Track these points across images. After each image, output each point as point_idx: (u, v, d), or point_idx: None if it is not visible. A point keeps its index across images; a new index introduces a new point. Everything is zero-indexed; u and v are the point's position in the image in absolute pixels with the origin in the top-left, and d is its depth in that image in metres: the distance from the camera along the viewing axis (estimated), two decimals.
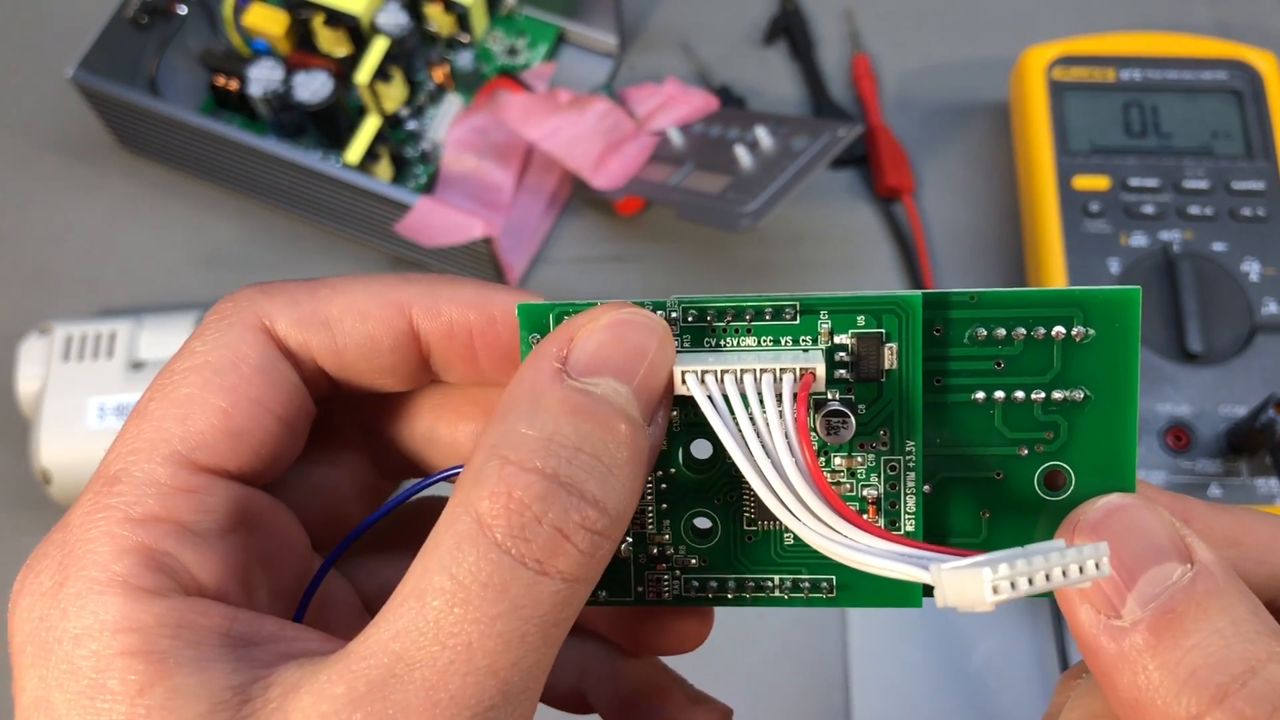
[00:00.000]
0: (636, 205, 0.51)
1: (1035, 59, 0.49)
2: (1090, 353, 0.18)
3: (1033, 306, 0.18)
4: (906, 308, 0.18)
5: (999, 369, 0.18)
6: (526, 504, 0.15)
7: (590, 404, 0.16)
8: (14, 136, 0.54)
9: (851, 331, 0.18)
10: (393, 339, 0.19)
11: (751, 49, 0.56)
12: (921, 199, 0.52)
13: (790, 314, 0.18)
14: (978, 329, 0.18)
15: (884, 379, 0.18)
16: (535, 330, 0.19)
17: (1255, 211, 0.45)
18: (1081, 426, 0.18)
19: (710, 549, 0.19)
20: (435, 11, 0.51)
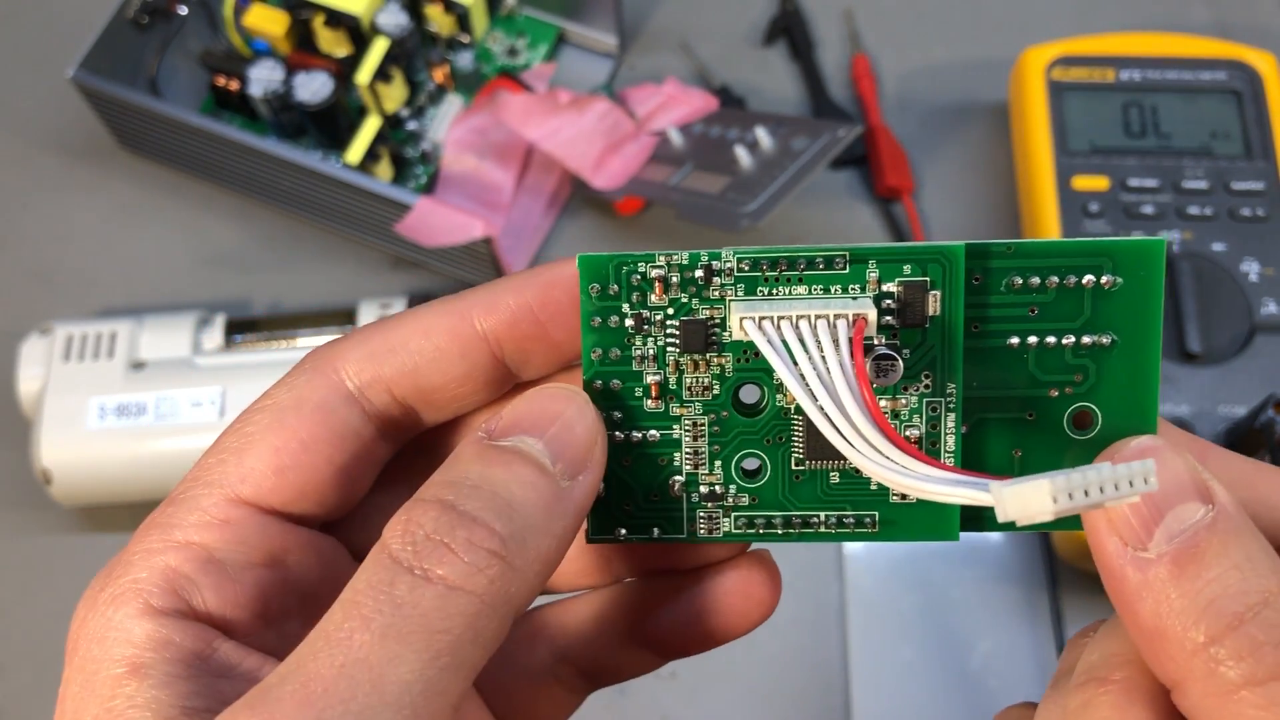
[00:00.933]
0: (636, 205, 0.51)
1: (1035, 59, 0.49)
2: (1118, 300, 0.19)
3: (1066, 256, 0.19)
4: (950, 257, 0.19)
5: (1033, 315, 0.19)
6: (420, 524, 0.17)
7: (496, 452, 0.18)
8: (14, 137, 0.54)
9: (898, 280, 0.19)
10: (460, 345, 0.20)
11: (751, 49, 0.56)
12: (921, 199, 0.52)
13: (840, 263, 0.19)
14: (1014, 277, 0.19)
15: (928, 325, 0.19)
16: (595, 280, 0.20)
17: (1254, 212, 0.45)
18: (1109, 369, 0.19)
19: (760, 488, 0.20)
20: (435, 12, 0.52)
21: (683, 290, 0.20)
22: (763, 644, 0.44)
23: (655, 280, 0.20)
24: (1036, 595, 0.44)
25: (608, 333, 0.20)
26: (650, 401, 0.20)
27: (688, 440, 0.20)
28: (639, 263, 0.20)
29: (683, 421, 0.20)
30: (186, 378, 0.44)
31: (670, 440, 0.20)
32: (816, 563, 0.45)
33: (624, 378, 0.20)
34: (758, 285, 0.19)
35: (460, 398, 0.20)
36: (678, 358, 0.20)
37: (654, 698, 0.44)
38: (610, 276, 0.20)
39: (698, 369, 0.20)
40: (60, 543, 0.46)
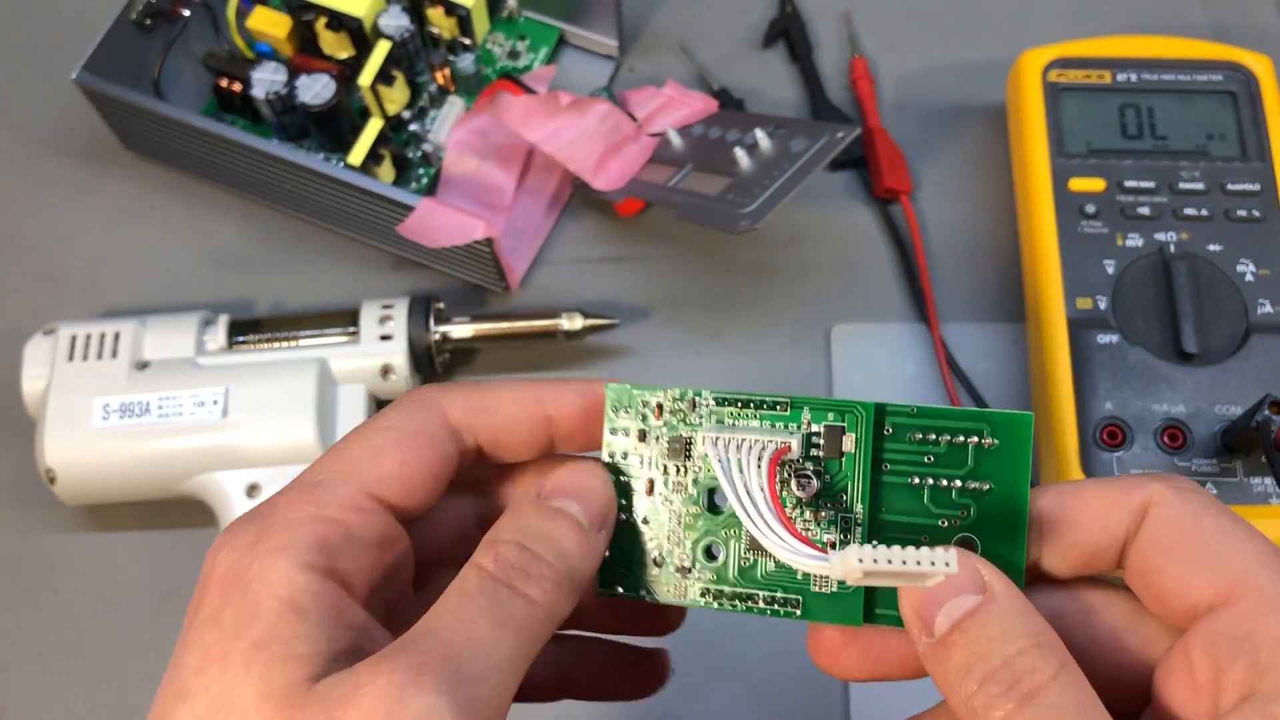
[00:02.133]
0: (636, 206, 0.51)
1: (1032, 61, 0.49)
2: (994, 457, 0.24)
3: (956, 420, 0.24)
4: (862, 411, 0.25)
5: (929, 462, 0.25)
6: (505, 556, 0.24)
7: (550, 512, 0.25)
8: (18, 138, 0.54)
9: (823, 423, 0.25)
10: (532, 421, 0.27)
11: (750, 52, 0.56)
12: (919, 200, 0.52)
13: (783, 407, 0.25)
14: (916, 433, 0.25)
15: (843, 458, 0.25)
16: (616, 402, 0.26)
17: (1250, 212, 0.45)
18: (986, 509, 0.24)
19: (717, 568, 0.26)
20: (437, 15, 0.52)
21: (673, 415, 0.26)
22: (762, 642, 0.44)
23: (656, 406, 0.26)
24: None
25: (621, 440, 0.27)
26: (645, 494, 0.26)
27: (670, 526, 0.26)
28: (646, 393, 0.26)
29: (666, 510, 0.26)
30: (190, 378, 0.44)
31: (658, 524, 0.26)
32: None
33: (629, 474, 0.26)
34: (724, 417, 0.26)
35: (518, 455, 0.27)
36: (665, 463, 0.26)
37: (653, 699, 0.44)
38: (626, 400, 0.26)
39: (679, 473, 0.26)
40: (64, 541, 0.47)
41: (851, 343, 0.49)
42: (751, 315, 0.50)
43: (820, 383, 0.49)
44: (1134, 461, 0.41)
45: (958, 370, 0.48)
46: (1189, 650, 0.22)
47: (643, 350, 0.50)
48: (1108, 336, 0.43)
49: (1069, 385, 0.42)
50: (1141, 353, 0.43)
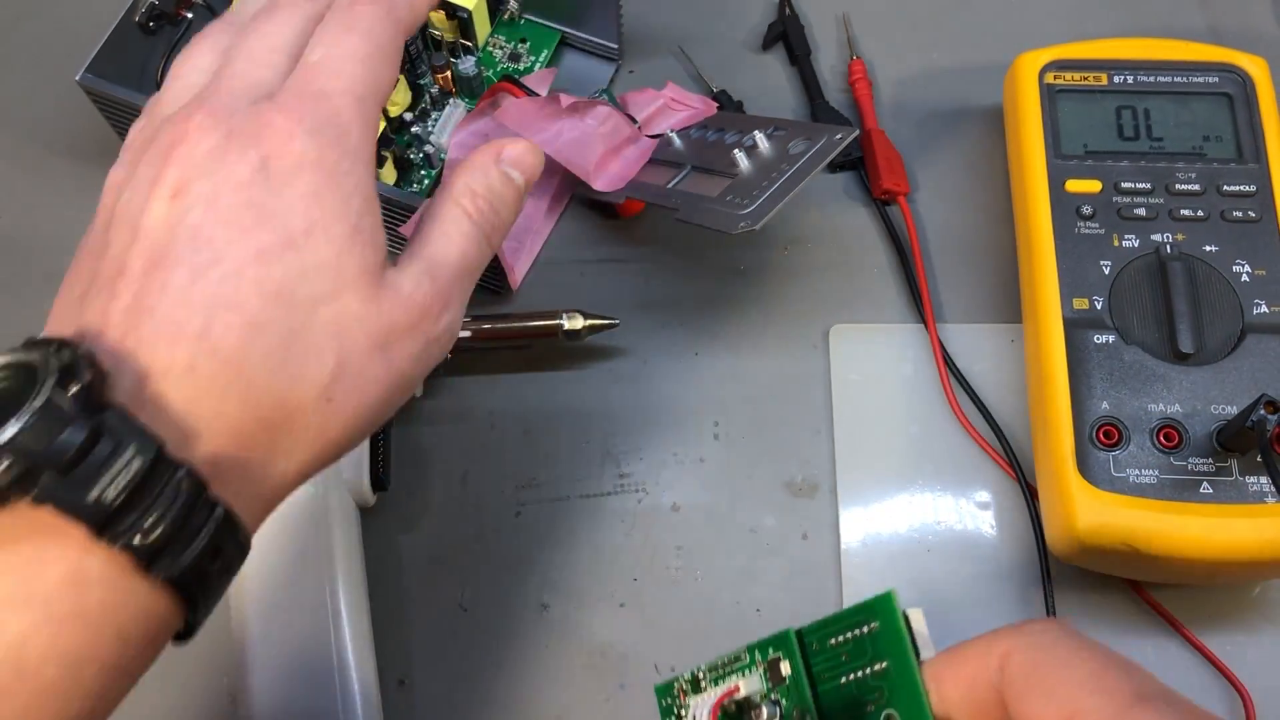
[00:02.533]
0: (637, 208, 0.52)
1: (1029, 64, 0.49)
2: (880, 637, 0.28)
3: (847, 618, 0.29)
4: (785, 639, 0.30)
5: (845, 660, 0.29)
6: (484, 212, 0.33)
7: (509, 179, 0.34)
8: (22, 139, 0.55)
9: (765, 658, 0.30)
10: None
11: (749, 54, 0.56)
12: (917, 202, 0.53)
13: (742, 656, 0.31)
14: (830, 639, 0.29)
15: (786, 681, 0.29)
16: (662, 696, 0.33)
17: (1246, 214, 0.45)
18: (891, 685, 0.28)
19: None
20: (438, 17, 0.52)
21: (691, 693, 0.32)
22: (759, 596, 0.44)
23: (679, 691, 0.32)
24: (1031, 592, 0.45)
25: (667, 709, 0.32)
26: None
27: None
28: (674, 682, 0.32)
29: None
30: None
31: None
32: (814, 560, 0.46)
33: None
34: (701, 686, 0.31)
35: None
36: None
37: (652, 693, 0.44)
38: (665, 693, 0.32)
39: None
40: None
41: (850, 343, 0.49)
42: (750, 315, 0.50)
43: (819, 383, 0.49)
44: (1130, 461, 0.41)
45: (955, 370, 0.48)
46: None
47: (643, 350, 0.50)
48: (1104, 336, 0.43)
49: (1065, 385, 0.43)
50: (1138, 352, 0.43)
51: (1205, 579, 0.43)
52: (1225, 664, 0.42)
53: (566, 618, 0.45)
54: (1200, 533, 0.40)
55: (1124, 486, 0.41)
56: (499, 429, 0.48)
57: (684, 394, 0.49)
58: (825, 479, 0.47)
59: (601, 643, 0.44)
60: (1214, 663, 0.43)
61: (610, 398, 0.49)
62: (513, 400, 0.49)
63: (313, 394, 0.27)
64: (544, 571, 0.45)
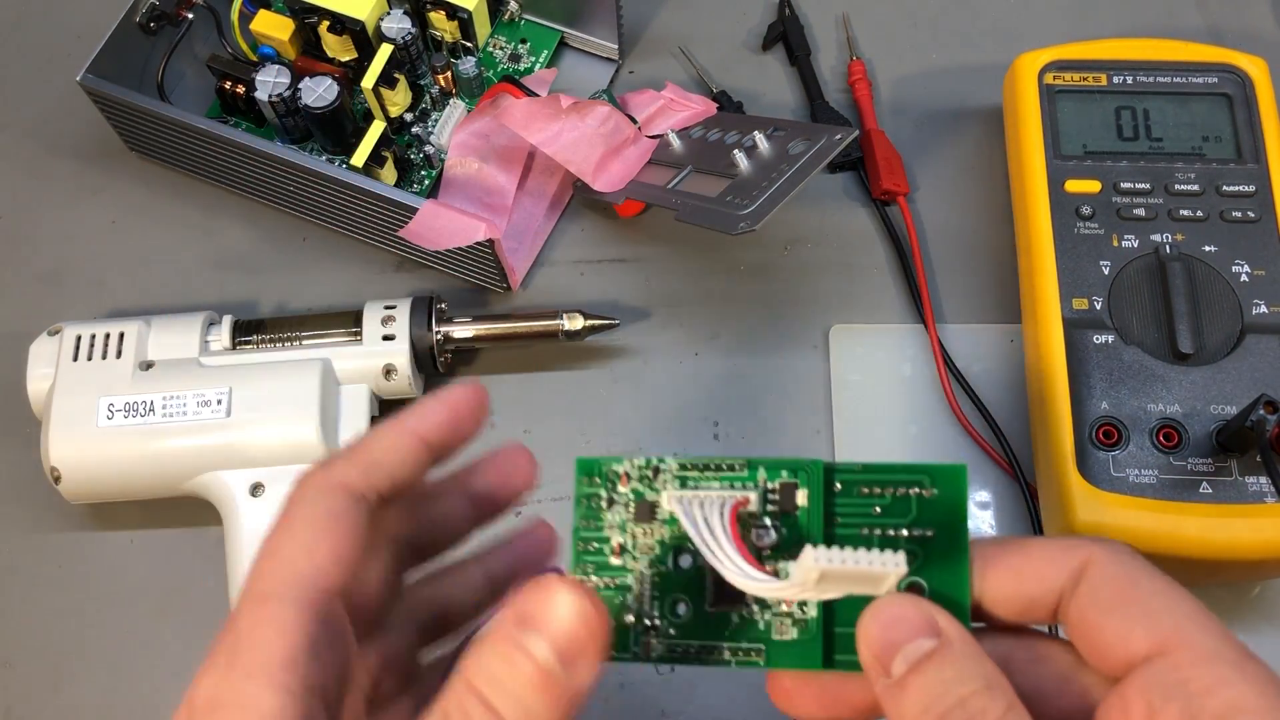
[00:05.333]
0: (636, 208, 0.52)
1: (1028, 64, 0.49)
2: (934, 505, 0.26)
3: (899, 473, 0.26)
4: (813, 470, 0.26)
5: (877, 513, 0.26)
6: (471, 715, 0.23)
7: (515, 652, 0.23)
8: (24, 140, 0.55)
9: (778, 480, 0.27)
10: (417, 458, 0.27)
11: (749, 55, 0.56)
12: (916, 202, 0.53)
13: (741, 468, 0.27)
14: (863, 488, 0.26)
15: (798, 512, 0.26)
16: (584, 473, 0.27)
17: (1245, 214, 0.45)
18: (931, 553, 0.26)
19: (683, 624, 0.27)
20: (439, 18, 0.52)
21: (639, 482, 0.27)
22: None
23: (622, 475, 0.27)
24: None
25: (590, 509, 0.27)
26: (613, 557, 0.27)
27: (636, 587, 0.27)
28: (613, 464, 0.27)
29: (634, 573, 0.27)
30: (194, 378, 0.44)
31: (625, 585, 0.27)
32: None
33: (598, 540, 0.27)
34: (687, 481, 0.27)
35: (410, 487, 0.28)
36: (633, 527, 0.27)
37: (652, 693, 0.44)
38: (595, 471, 0.28)
39: (646, 535, 0.27)
40: (69, 540, 0.47)
41: (849, 343, 0.50)
42: (750, 316, 0.51)
43: (819, 383, 0.49)
44: (1130, 461, 0.41)
45: (955, 370, 0.48)
46: (1126, 697, 0.23)
47: (643, 350, 0.50)
48: (1103, 336, 0.43)
49: (1065, 385, 0.43)
50: (1137, 353, 0.43)
51: (1205, 579, 0.43)
52: None
53: None
54: (1200, 533, 0.40)
55: (1124, 486, 0.41)
56: (499, 429, 0.48)
57: (684, 394, 0.49)
58: None
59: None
60: None
61: (610, 398, 0.49)
62: (513, 400, 0.49)
63: None
64: None
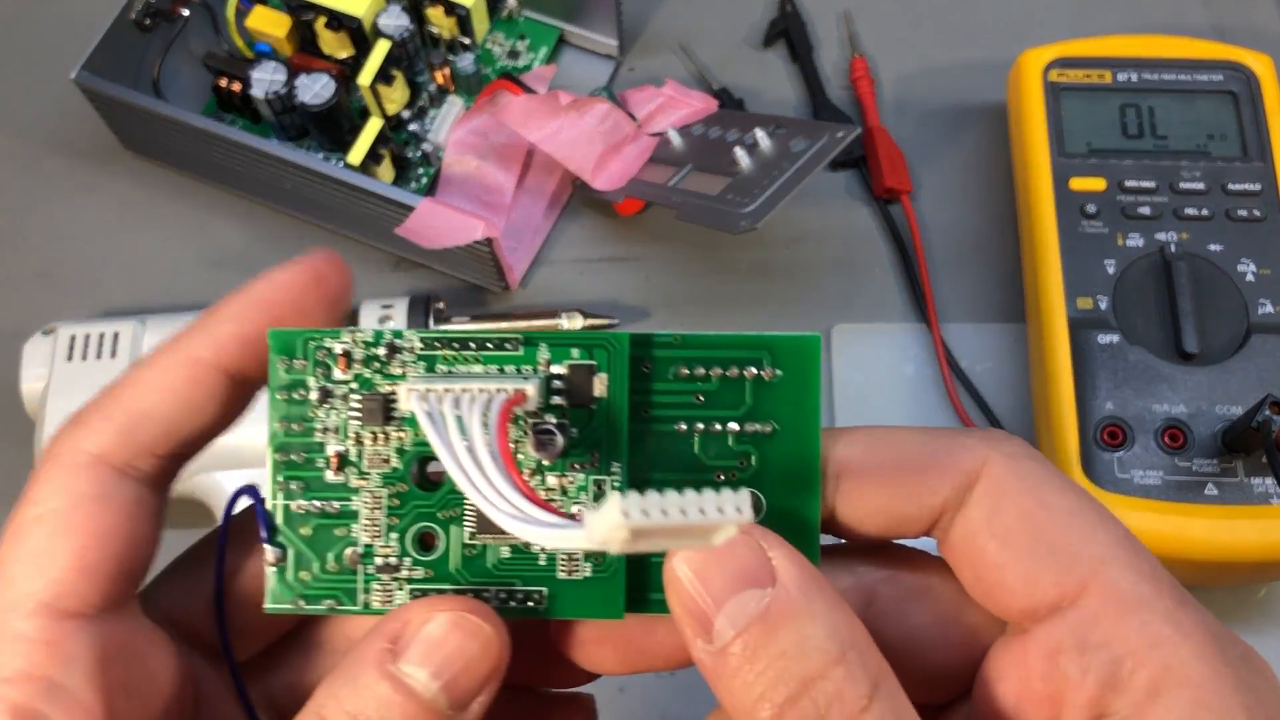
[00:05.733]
0: (636, 206, 0.51)
1: (1032, 61, 0.49)
2: (778, 391, 0.21)
3: (728, 348, 0.21)
4: (615, 344, 0.20)
5: (699, 403, 0.21)
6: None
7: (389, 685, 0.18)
8: (18, 138, 0.54)
9: (566, 362, 0.20)
10: (205, 390, 0.20)
11: (750, 52, 0.56)
12: (919, 200, 0.52)
13: (514, 346, 0.20)
14: (681, 367, 0.21)
15: (594, 405, 0.20)
16: (283, 353, 0.21)
17: (1251, 212, 0.45)
18: (771, 456, 0.20)
19: (434, 562, 0.21)
20: (437, 14, 0.52)
21: (366, 366, 0.21)
22: None
23: (340, 356, 0.20)
24: None
25: (294, 405, 0.21)
26: (331, 473, 0.21)
27: (365, 511, 0.21)
28: (325, 339, 0.21)
29: (361, 493, 0.21)
30: None
31: (349, 511, 0.21)
32: None
33: (307, 449, 0.21)
34: (436, 363, 0.20)
35: (222, 426, 0.21)
36: (359, 430, 0.21)
37: (653, 695, 0.44)
38: (298, 350, 0.21)
39: (377, 442, 0.21)
40: None
41: (852, 343, 0.49)
42: (751, 315, 0.50)
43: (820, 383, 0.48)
44: (1135, 462, 0.41)
45: (958, 371, 0.48)
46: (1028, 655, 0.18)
47: None
48: (1108, 336, 0.43)
49: (1070, 385, 0.42)
50: (1142, 353, 0.43)
51: (1210, 581, 0.43)
52: None
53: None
54: (1205, 534, 0.39)
55: (1128, 488, 0.40)
56: None
57: None
58: None
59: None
60: None
61: None
62: None
63: None
64: None
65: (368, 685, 0.18)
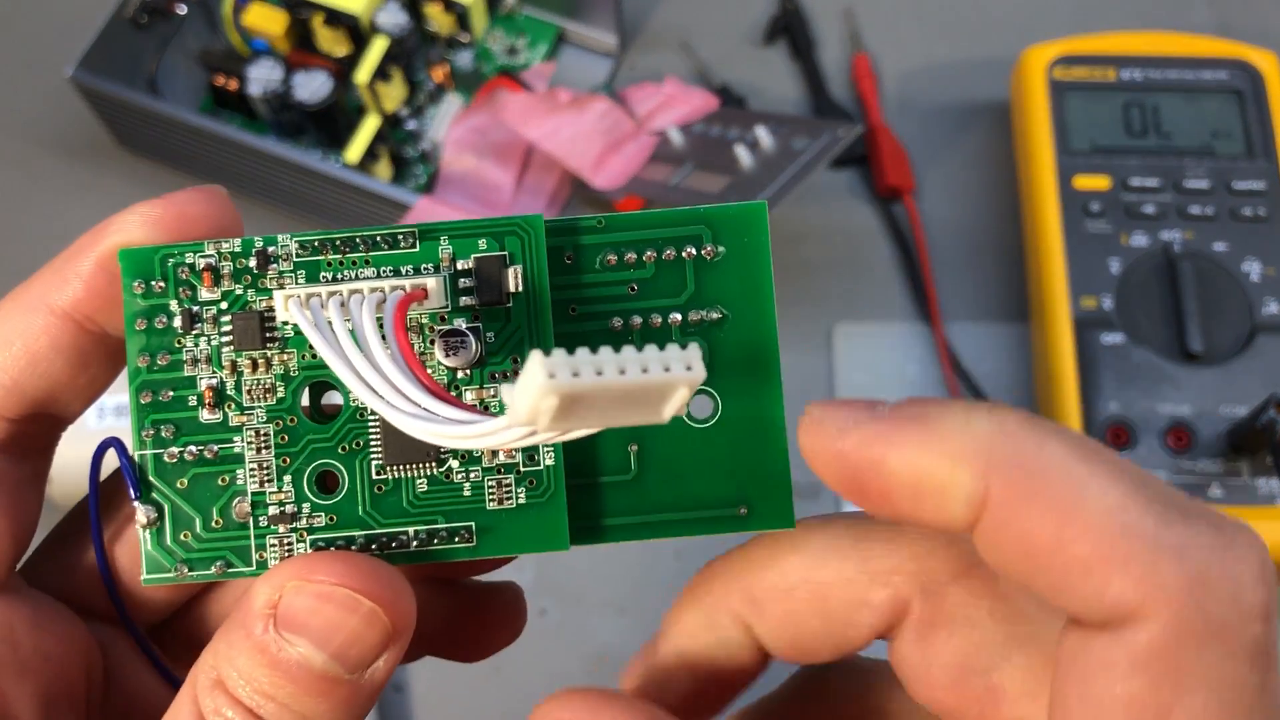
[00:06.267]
0: (636, 205, 0.51)
1: (1036, 59, 0.49)
2: (723, 271, 0.18)
3: (661, 227, 0.18)
4: (529, 228, 0.18)
5: (633, 293, 0.18)
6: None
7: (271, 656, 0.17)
8: (13, 136, 0.54)
9: (474, 255, 0.18)
10: (50, 340, 0.18)
11: (752, 49, 0.56)
12: (922, 199, 0.52)
13: (408, 241, 0.18)
14: (609, 254, 0.18)
15: (510, 303, 0.18)
16: (138, 275, 0.18)
17: (1256, 211, 0.45)
18: (722, 347, 0.18)
19: (337, 504, 0.18)
20: (435, 11, 0.51)
21: (236, 281, 0.18)
22: None
23: (204, 271, 0.18)
24: None
25: (155, 334, 0.18)
26: (205, 411, 0.18)
27: (251, 453, 0.18)
28: (186, 253, 0.18)
29: (244, 431, 0.18)
30: None
31: (231, 455, 0.18)
32: None
33: (175, 385, 0.18)
34: (319, 270, 0.18)
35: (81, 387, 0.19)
36: (234, 357, 0.18)
37: None
38: (155, 270, 0.18)
39: (257, 369, 0.18)
40: None
41: (854, 343, 0.49)
42: None
43: (823, 383, 0.48)
44: (1139, 462, 0.41)
45: (961, 370, 0.48)
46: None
47: None
48: (1112, 336, 0.43)
49: (1074, 385, 0.42)
50: (1146, 353, 0.43)
51: None
52: None
53: (565, 623, 0.44)
54: None
55: None
56: None
57: None
58: None
59: (600, 649, 0.44)
60: None
61: None
62: None
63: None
64: (542, 576, 0.45)
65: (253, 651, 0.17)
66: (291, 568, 0.17)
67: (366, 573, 0.17)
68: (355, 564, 0.17)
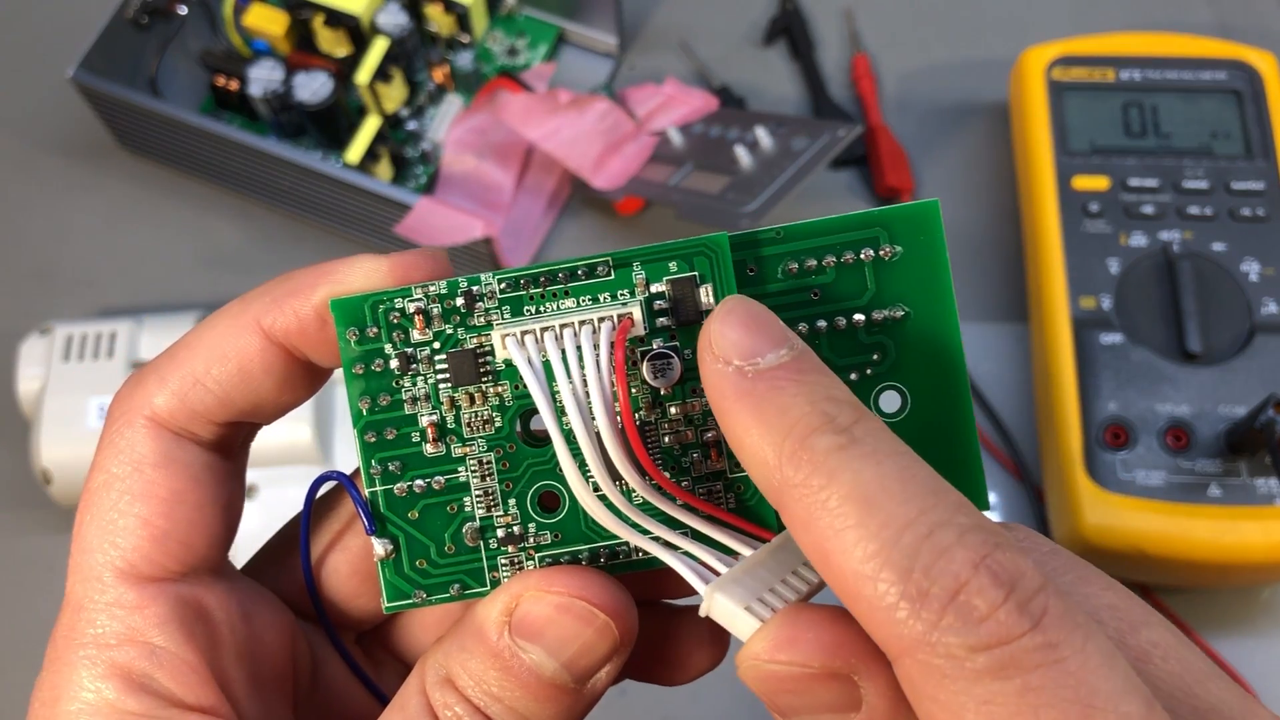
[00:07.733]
0: (636, 205, 0.51)
1: (1035, 59, 0.49)
2: (901, 269, 0.19)
3: (838, 233, 0.19)
4: (715, 247, 0.18)
5: (816, 299, 0.19)
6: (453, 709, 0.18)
7: (510, 661, 0.18)
8: (14, 137, 0.54)
9: (666, 278, 0.18)
10: (261, 362, 0.19)
11: (751, 49, 0.56)
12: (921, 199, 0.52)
13: (604, 270, 0.18)
14: (789, 263, 0.19)
15: (703, 320, 0.18)
16: (351, 324, 0.19)
17: (1255, 211, 0.45)
18: (907, 343, 0.19)
19: (560, 522, 0.19)
20: (435, 12, 0.52)
21: (446, 321, 0.19)
22: None
23: (415, 315, 0.19)
24: None
25: (373, 378, 0.19)
26: (429, 445, 0.19)
27: (475, 481, 0.19)
28: (395, 299, 0.19)
29: (467, 461, 0.19)
30: None
31: (457, 484, 0.19)
32: None
33: (398, 424, 0.19)
34: (523, 305, 0.19)
35: (283, 404, 0.20)
36: (451, 393, 0.19)
37: (656, 698, 0.44)
38: (367, 317, 0.19)
39: (474, 403, 0.19)
40: (59, 542, 0.46)
41: None
42: None
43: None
44: (1138, 462, 0.41)
45: None
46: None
47: None
48: (1111, 336, 0.43)
49: (1073, 385, 0.42)
50: (1145, 353, 0.43)
51: (1214, 582, 0.43)
52: (1234, 668, 0.42)
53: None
54: (1208, 535, 0.39)
55: (1131, 488, 0.40)
56: None
57: None
58: None
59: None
60: (1223, 666, 0.42)
61: None
62: None
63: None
64: None
65: (486, 655, 0.18)
66: (530, 579, 0.18)
67: (601, 586, 0.18)
68: (591, 578, 0.18)
